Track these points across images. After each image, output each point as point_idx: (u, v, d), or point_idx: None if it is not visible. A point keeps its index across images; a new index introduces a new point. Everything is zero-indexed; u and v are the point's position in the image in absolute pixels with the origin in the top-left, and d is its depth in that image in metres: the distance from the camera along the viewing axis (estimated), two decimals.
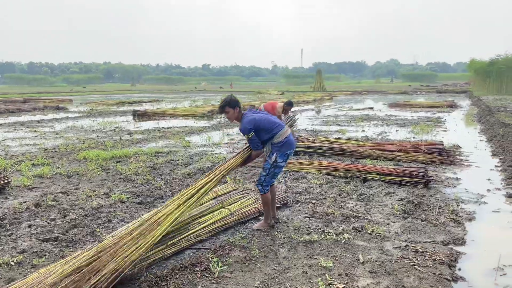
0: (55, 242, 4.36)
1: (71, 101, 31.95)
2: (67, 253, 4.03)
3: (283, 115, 9.98)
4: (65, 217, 5.11)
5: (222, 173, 4.43)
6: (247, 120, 4.59)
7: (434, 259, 3.86)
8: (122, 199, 5.85)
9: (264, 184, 4.64)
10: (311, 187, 6.47)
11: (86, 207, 5.50)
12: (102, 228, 4.76)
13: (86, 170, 7.67)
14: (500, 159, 8.64)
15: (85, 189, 6.37)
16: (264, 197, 4.68)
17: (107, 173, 7.55)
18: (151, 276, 3.54)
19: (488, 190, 6.37)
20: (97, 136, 12.71)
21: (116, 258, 3.38)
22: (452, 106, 23.64)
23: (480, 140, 11.41)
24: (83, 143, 11.09)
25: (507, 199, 5.95)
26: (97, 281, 3.15)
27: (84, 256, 3.51)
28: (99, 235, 4.50)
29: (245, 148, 4.75)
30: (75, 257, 3.52)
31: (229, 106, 4.67)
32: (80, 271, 3.22)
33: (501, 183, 6.78)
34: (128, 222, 4.79)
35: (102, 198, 5.93)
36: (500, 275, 3.69)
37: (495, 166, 8.09)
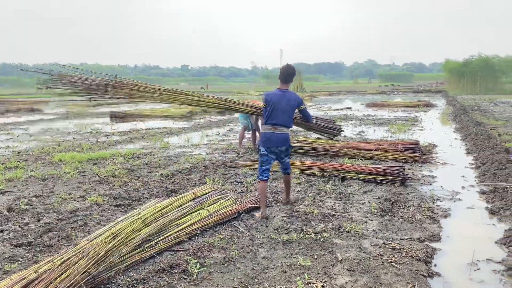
0: (29, 247, 4.24)
1: (47, 103, 31.28)
2: (41, 258, 3.93)
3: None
4: (39, 221, 4.98)
5: None
6: (268, 92, 5.24)
7: (411, 256, 3.92)
8: (99, 202, 5.75)
9: (258, 173, 5.19)
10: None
11: (61, 210, 5.38)
12: (78, 231, 4.66)
13: (62, 173, 7.51)
14: (474, 156, 8.85)
15: (61, 192, 6.23)
16: (258, 186, 5.20)
17: (83, 175, 7.40)
18: (128, 279, 3.48)
19: (463, 187, 6.51)
20: (73, 138, 12.47)
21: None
22: (428, 105, 24.11)
23: (455, 139, 11.66)
24: (59, 146, 10.87)
25: (481, 195, 6.09)
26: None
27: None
28: (74, 239, 4.40)
29: None
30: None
31: None
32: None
33: (475, 180, 6.94)
34: (104, 225, 4.71)
35: (78, 201, 5.81)
36: (474, 270, 3.77)
37: (469, 163, 8.28)
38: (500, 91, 39.47)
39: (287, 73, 5.14)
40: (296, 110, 5.36)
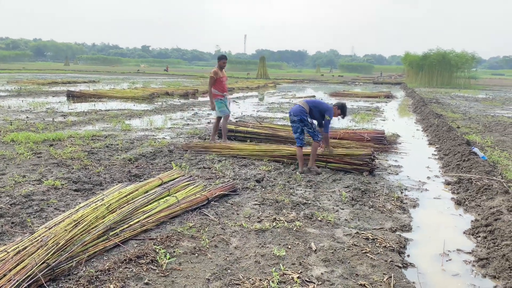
0: None
1: None
2: None
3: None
4: None
5: None
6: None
7: (385, 246, 3.89)
8: (57, 185, 5.37)
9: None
10: (260, 173, 6.35)
11: (14, 194, 4.97)
12: (34, 217, 4.31)
13: (15, 154, 6.99)
14: (437, 147, 9.06)
15: (14, 175, 5.78)
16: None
17: (39, 157, 6.92)
18: (91, 270, 3.22)
19: (428, 178, 6.62)
20: (27, 117, 11.72)
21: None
22: (389, 96, 24.64)
23: (417, 130, 11.93)
24: (11, 125, 10.16)
25: (446, 186, 6.21)
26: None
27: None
28: (30, 226, 4.06)
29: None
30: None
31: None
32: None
33: (439, 171, 7.09)
34: (64, 211, 4.39)
35: (33, 185, 5.40)
36: (446, 261, 3.79)
37: (432, 154, 8.46)
38: (454, 85, 41.07)
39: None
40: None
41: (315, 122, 6.64)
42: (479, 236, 4.28)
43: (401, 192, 5.75)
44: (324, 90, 31.99)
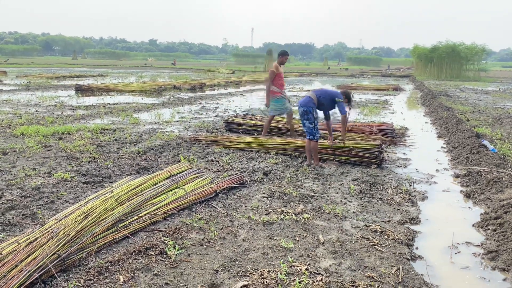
0: None
1: (6, 73, 29.64)
2: (4, 238, 3.63)
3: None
4: (1, 197, 4.63)
5: None
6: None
7: (393, 239, 3.88)
8: (66, 178, 5.42)
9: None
10: (267, 166, 6.35)
11: (25, 187, 5.03)
12: (44, 209, 4.36)
13: (25, 147, 7.06)
14: (445, 140, 8.99)
15: (24, 168, 5.84)
16: None
17: (48, 150, 6.99)
18: (101, 261, 3.26)
19: (437, 170, 6.57)
20: (36, 111, 11.81)
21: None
22: (397, 89, 24.45)
23: (426, 123, 11.84)
24: (21, 118, 10.25)
25: (455, 179, 6.17)
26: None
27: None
28: (40, 218, 4.11)
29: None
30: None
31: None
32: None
33: (448, 164, 7.04)
34: (73, 203, 4.43)
35: (43, 177, 5.45)
36: (455, 253, 3.77)
37: (441, 147, 8.40)
38: (464, 77, 40.59)
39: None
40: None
41: (321, 115, 6.60)
42: (489, 229, 4.25)
43: (410, 185, 5.72)
44: (332, 83, 31.83)
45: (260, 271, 3.22)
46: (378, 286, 3.04)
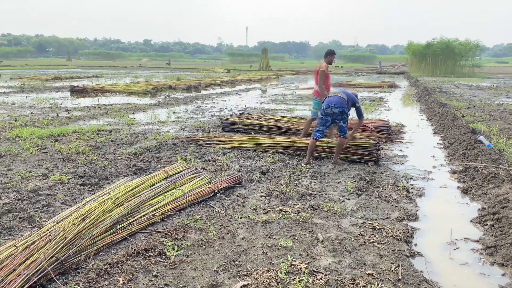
0: None
1: None
2: (1, 241, 3.60)
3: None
4: None
5: None
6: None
7: (392, 236, 3.88)
8: (63, 180, 5.39)
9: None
10: (265, 165, 6.35)
11: (21, 190, 4.99)
12: (41, 212, 4.33)
13: (20, 150, 7.02)
14: (442, 137, 9.02)
15: (20, 170, 5.81)
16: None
17: (44, 152, 6.95)
18: (99, 263, 3.24)
19: (434, 167, 6.59)
20: (31, 113, 11.75)
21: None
22: (393, 86, 24.51)
23: (421, 119, 11.87)
24: (16, 121, 10.19)
25: (452, 175, 6.19)
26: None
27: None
28: (37, 221, 4.08)
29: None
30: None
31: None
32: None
33: (445, 160, 7.06)
34: (71, 206, 4.41)
35: (39, 180, 5.42)
36: (454, 249, 3.78)
37: (437, 143, 8.43)
38: (458, 73, 40.76)
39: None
40: None
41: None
42: (486, 224, 4.27)
43: (407, 182, 5.73)
44: None
45: (260, 270, 3.22)
46: (378, 284, 3.04)
